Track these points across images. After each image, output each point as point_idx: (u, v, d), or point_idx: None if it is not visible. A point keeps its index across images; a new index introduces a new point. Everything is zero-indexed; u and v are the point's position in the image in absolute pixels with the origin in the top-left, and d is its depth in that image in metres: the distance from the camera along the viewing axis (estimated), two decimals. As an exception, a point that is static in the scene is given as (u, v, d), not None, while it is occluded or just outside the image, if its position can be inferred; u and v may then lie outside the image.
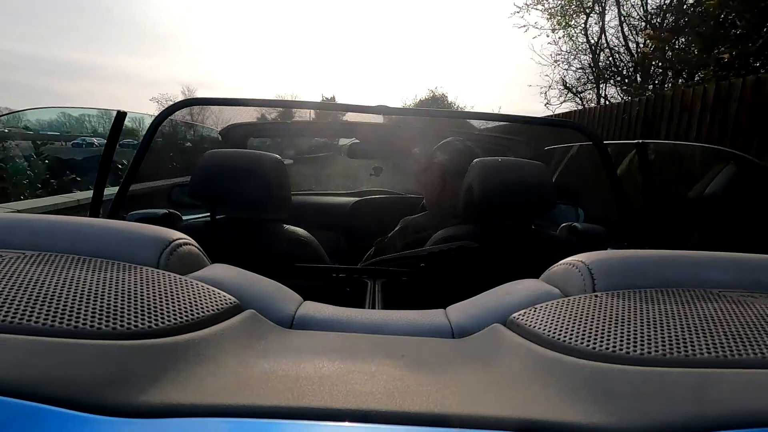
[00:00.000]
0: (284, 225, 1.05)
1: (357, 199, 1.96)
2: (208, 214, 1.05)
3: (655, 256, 0.43)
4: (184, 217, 1.17)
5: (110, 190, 1.08)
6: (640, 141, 1.09)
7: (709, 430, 0.22)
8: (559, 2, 9.55)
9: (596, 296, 0.38)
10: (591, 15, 9.45)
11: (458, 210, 1.08)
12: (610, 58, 9.34)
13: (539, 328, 0.35)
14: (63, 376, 0.23)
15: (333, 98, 29.61)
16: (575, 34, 9.76)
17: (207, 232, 1.01)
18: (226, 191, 0.95)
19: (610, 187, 1.00)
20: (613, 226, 1.05)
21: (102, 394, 0.23)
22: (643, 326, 0.32)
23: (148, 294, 0.33)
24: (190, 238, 0.46)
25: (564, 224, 1.11)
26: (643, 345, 0.29)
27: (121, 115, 1.07)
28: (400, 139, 1.80)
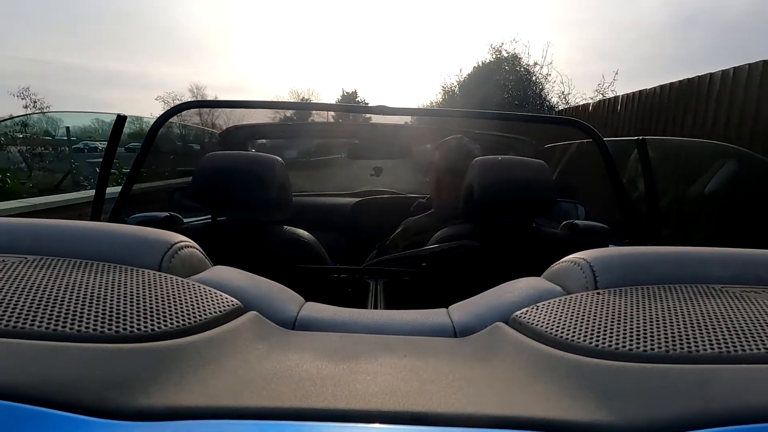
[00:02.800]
0: (285, 226, 1.05)
1: (358, 199, 1.96)
2: (209, 216, 1.05)
3: (656, 252, 0.43)
4: (185, 220, 1.17)
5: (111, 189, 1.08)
6: (641, 137, 1.09)
7: (712, 426, 0.22)
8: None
9: (598, 293, 0.38)
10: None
11: (459, 209, 1.08)
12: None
13: (541, 326, 0.35)
14: (66, 380, 0.23)
15: (354, 93, 29.11)
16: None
17: (208, 235, 1.01)
18: (226, 193, 0.95)
19: (611, 184, 1.00)
20: (618, 223, 1.05)
21: (105, 398, 0.23)
22: (645, 323, 0.32)
23: (150, 297, 0.33)
24: (192, 241, 0.47)
25: (565, 222, 1.11)
26: (645, 342, 0.29)
27: (120, 119, 1.07)
28: (401, 139, 1.80)
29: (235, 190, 0.94)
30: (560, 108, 10.38)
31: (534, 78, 11.71)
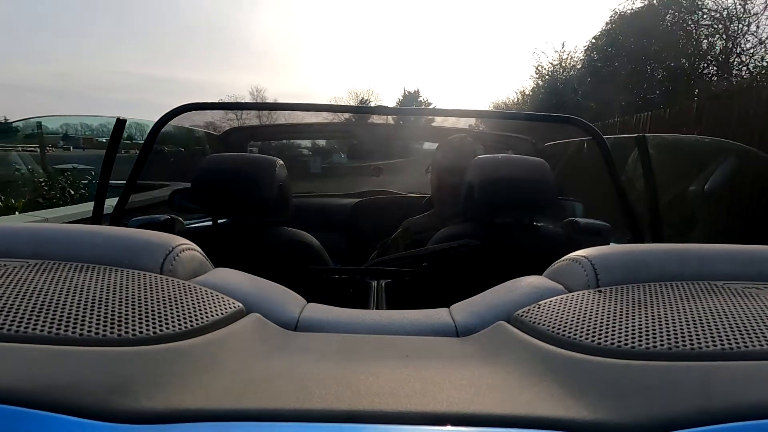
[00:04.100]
0: (286, 227, 1.05)
1: (358, 199, 1.96)
2: (210, 218, 1.06)
3: (657, 250, 0.43)
4: (186, 222, 1.17)
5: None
6: (641, 135, 1.09)
7: (715, 424, 0.22)
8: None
9: (600, 291, 0.38)
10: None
11: (460, 208, 1.08)
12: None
13: (543, 325, 0.35)
14: (69, 384, 0.23)
15: (417, 92, 28.31)
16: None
17: (209, 237, 1.01)
18: (227, 195, 0.95)
19: (612, 182, 1.00)
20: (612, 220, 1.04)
21: (108, 401, 0.23)
22: (647, 320, 0.31)
23: (152, 300, 0.33)
24: (193, 243, 0.47)
25: (566, 220, 1.11)
26: (648, 339, 0.29)
27: (120, 123, 1.07)
28: (401, 139, 1.80)
29: (235, 192, 0.94)
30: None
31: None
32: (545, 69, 13.03)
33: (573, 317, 0.34)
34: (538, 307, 0.38)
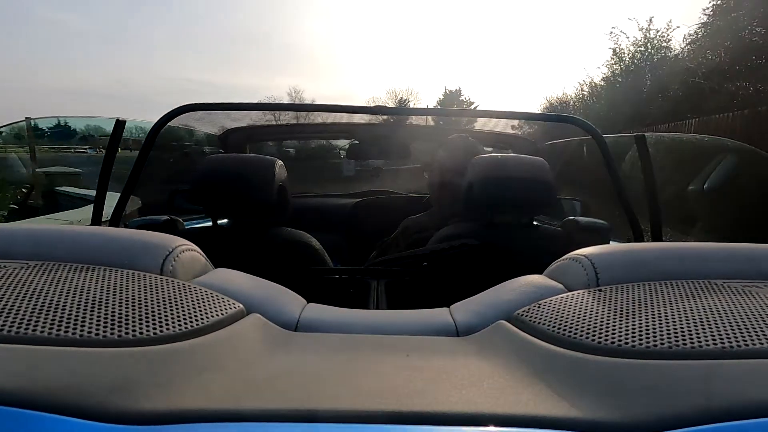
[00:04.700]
0: (286, 228, 1.05)
1: (358, 200, 1.96)
2: (210, 219, 1.06)
3: (657, 249, 0.43)
4: (186, 223, 1.17)
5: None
6: (640, 133, 1.09)
7: (716, 422, 0.22)
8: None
9: (600, 290, 0.38)
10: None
11: (460, 208, 1.08)
12: None
13: (544, 324, 0.35)
14: (69, 385, 0.23)
15: (458, 91, 28.25)
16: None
17: (209, 237, 1.01)
18: (226, 196, 0.95)
19: (612, 181, 1.00)
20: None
21: (108, 402, 0.23)
22: (647, 319, 0.31)
23: (152, 301, 0.33)
24: (193, 244, 0.47)
25: (566, 219, 1.11)
26: (648, 338, 0.29)
27: (120, 124, 1.07)
28: (401, 139, 1.80)
29: (234, 193, 0.94)
30: None
31: None
32: (626, 52, 11.45)
33: (573, 316, 0.34)
34: (539, 307, 0.38)
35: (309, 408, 0.25)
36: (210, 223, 1.06)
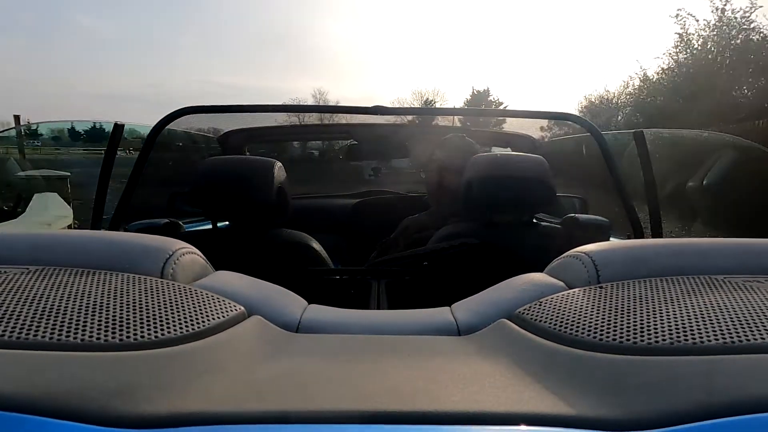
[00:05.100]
0: (285, 229, 1.05)
1: (358, 200, 1.96)
2: (209, 221, 1.06)
3: (658, 245, 0.43)
4: (186, 226, 1.17)
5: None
6: (639, 130, 1.09)
7: (718, 418, 0.22)
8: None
9: (601, 287, 0.38)
10: None
11: (459, 207, 1.08)
12: None
13: (545, 322, 0.35)
14: (70, 389, 0.23)
15: (486, 91, 27.42)
16: None
17: (209, 240, 1.01)
18: (226, 198, 0.95)
19: (611, 178, 1.00)
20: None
21: (110, 406, 0.23)
22: (648, 316, 0.31)
23: (153, 304, 0.33)
24: (193, 247, 0.47)
25: (566, 216, 1.11)
26: (649, 334, 0.29)
27: (118, 128, 1.07)
28: (400, 139, 1.80)
29: (234, 195, 0.95)
30: None
31: None
32: (696, 37, 9.70)
33: (574, 314, 0.34)
34: (540, 305, 0.38)
35: (311, 409, 0.24)
36: (210, 226, 1.06)
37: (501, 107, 27.16)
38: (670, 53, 11.26)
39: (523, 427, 0.23)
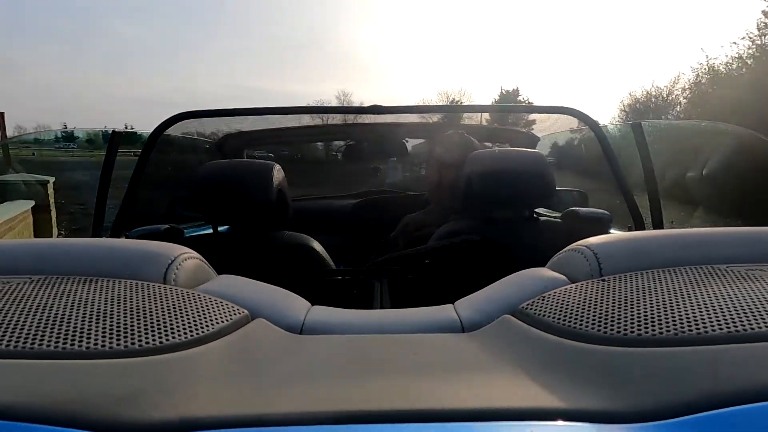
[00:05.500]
0: (286, 231, 1.05)
1: (358, 200, 1.96)
2: (210, 226, 1.06)
3: (659, 236, 0.43)
4: (186, 231, 1.17)
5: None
6: (637, 121, 1.09)
7: (724, 407, 0.22)
8: None
9: (603, 280, 0.38)
10: None
11: (459, 204, 1.08)
12: None
13: (548, 317, 0.35)
14: (77, 397, 0.23)
15: (516, 90, 27.11)
16: None
17: (210, 244, 1.01)
18: (226, 202, 0.95)
19: (611, 170, 1.00)
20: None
21: (117, 413, 0.23)
22: (652, 307, 0.31)
23: (156, 310, 0.33)
24: (195, 252, 0.47)
25: (566, 210, 1.11)
26: (654, 326, 0.29)
27: (117, 135, 1.07)
28: (399, 139, 1.80)
29: (234, 198, 0.95)
30: None
31: None
32: None
33: (578, 307, 0.34)
34: (543, 299, 0.38)
35: (318, 410, 0.25)
36: (210, 230, 1.06)
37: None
38: (750, 36, 9.20)
39: (530, 422, 0.23)
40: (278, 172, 0.99)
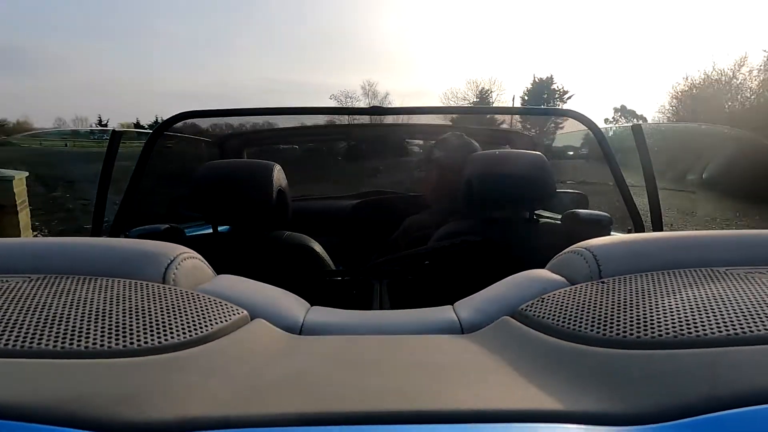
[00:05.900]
0: (286, 232, 1.05)
1: (358, 201, 1.96)
2: (209, 225, 1.06)
3: (659, 238, 0.43)
4: (186, 231, 1.17)
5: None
6: (638, 123, 1.10)
7: (723, 410, 0.22)
8: None
9: (603, 282, 0.38)
10: None
11: (459, 205, 1.08)
12: None
13: (548, 318, 0.35)
14: (76, 397, 0.23)
15: (550, 78, 26.32)
16: None
17: (210, 244, 1.01)
18: (226, 202, 0.95)
19: (611, 173, 1.01)
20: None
21: (115, 413, 0.23)
22: (651, 309, 0.31)
23: (155, 310, 0.33)
24: (194, 252, 0.47)
25: (566, 212, 1.11)
26: (653, 328, 0.29)
27: (117, 135, 1.07)
28: (399, 139, 1.80)
29: (234, 198, 0.95)
30: None
31: None
32: None
33: (577, 309, 0.34)
34: (542, 301, 0.38)
35: (317, 411, 0.24)
36: (210, 230, 1.06)
37: (566, 96, 26.36)
38: None
39: (529, 424, 0.23)
40: (278, 173, 0.99)
